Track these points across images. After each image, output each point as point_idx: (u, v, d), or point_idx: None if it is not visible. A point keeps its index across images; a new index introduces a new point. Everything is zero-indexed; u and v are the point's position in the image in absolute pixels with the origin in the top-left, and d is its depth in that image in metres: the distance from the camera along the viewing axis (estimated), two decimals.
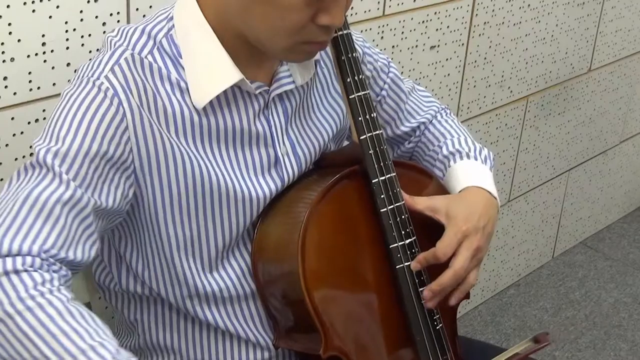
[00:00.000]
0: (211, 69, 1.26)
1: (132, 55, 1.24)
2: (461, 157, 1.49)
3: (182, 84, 1.25)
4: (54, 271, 1.13)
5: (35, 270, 1.11)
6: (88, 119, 1.19)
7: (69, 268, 1.17)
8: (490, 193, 1.44)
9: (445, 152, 1.51)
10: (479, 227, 1.37)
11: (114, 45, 1.25)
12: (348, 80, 1.34)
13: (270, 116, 1.34)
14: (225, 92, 1.27)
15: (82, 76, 1.23)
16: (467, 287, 1.37)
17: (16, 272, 1.09)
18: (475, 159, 1.49)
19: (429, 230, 1.38)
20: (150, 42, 1.25)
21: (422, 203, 1.38)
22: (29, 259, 1.11)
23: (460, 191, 1.43)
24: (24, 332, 1.07)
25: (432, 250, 1.34)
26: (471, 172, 1.46)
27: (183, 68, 1.25)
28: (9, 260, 1.10)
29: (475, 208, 1.39)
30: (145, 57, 1.24)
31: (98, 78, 1.21)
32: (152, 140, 1.23)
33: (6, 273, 1.09)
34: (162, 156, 1.24)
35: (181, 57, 1.25)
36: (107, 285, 1.38)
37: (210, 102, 1.26)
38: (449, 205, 1.38)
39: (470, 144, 1.52)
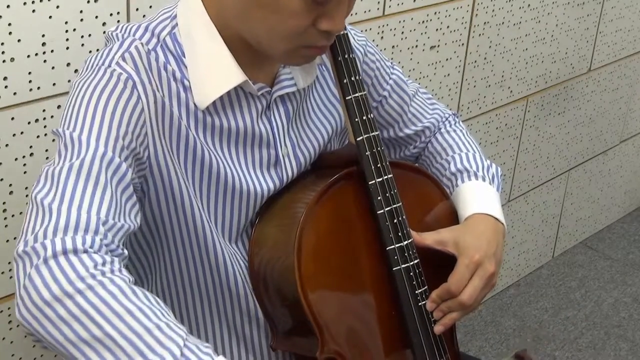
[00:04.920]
0: (214, 70, 1.26)
1: (142, 44, 1.24)
2: (469, 177, 1.48)
3: (186, 82, 1.25)
4: (112, 251, 1.09)
5: (96, 252, 1.06)
6: (103, 103, 1.18)
7: (123, 239, 1.13)
8: (496, 219, 1.43)
9: (452, 169, 1.50)
10: (490, 253, 1.37)
11: (121, 37, 1.25)
12: (345, 81, 1.33)
13: (272, 117, 1.34)
14: (228, 92, 1.27)
15: (93, 65, 1.22)
16: (468, 311, 1.37)
17: (75, 251, 1.04)
18: (483, 179, 1.48)
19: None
20: (154, 40, 1.25)
21: (429, 238, 1.38)
22: (88, 239, 1.06)
23: (466, 218, 1.43)
24: (84, 311, 1.01)
25: (445, 286, 1.35)
26: (477, 197, 1.45)
27: (186, 67, 1.26)
28: (67, 239, 1.05)
29: (483, 236, 1.39)
30: (152, 50, 1.25)
31: (110, 65, 1.21)
32: (162, 121, 1.23)
33: (65, 252, 1.04)
34: (175, 137, 1.24)
35: (184, 56, 1.26)
36: None
37: (213, 102, 1.27)
38: (457, 236, 1.38)
39: (479, 161, 1.51)
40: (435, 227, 1.40)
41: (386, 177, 1.33)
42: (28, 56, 1.54)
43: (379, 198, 1.33)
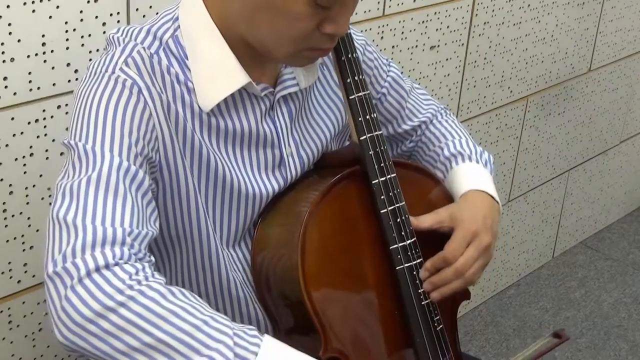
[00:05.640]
0: (218, 72, 1.25)
1: (144, 48, 1.23)
2: (463, 160, 1.49)
3: (190, 84, 1.25)
4: (140, 259, 1.09)
5: (126, 263, 1.07)
6: (112, 111, 1.17)
7: (147, 246, 1.14)
8: (492, 196, 1.44)
9: (446, 153, 1.51)
10: (487, 226, 1.38)
11: (123, 41, 1.25)
12: (348, 80, 1.33)
13: (276, 117, 1.34)
14: (232, 94, 1.27)
15: (96, 72, 1.22)
16: (465, 283, 1.36)
17: (107, 266, 1.05)
18: (477, 162, 1.49)
19: (433, 236, 1.38)
20: (156, 43, 1.25)
21: (427, 220, 1.38)
22: (117, 251, 1.07)
23: (461, 195, 1.43)
24: (130, 321, 1.03)
25: (440, 254, 1.35)
26: (472, 176, 1.46)
27: (189, 69, 1.25)
28: (98, 255, 1.06)
29: (480, 210, 1.39)
30: (154, 53, 1.24)
31: (113, 72, 1.20)
32: (170, 122, 1.23)
33: (97, 269, 1.05)
34: (181, 138, 1.24)
35: (187, 59, 1.25)
36: None
37: (217, 104, 1.26)
38: (454, 211, 1.39)
39: (472, 147, 1.52)
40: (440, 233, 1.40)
41: (389, 176, 1.34)
42: (28, 56, 1.53)
43: (382, 197, 1.33)
